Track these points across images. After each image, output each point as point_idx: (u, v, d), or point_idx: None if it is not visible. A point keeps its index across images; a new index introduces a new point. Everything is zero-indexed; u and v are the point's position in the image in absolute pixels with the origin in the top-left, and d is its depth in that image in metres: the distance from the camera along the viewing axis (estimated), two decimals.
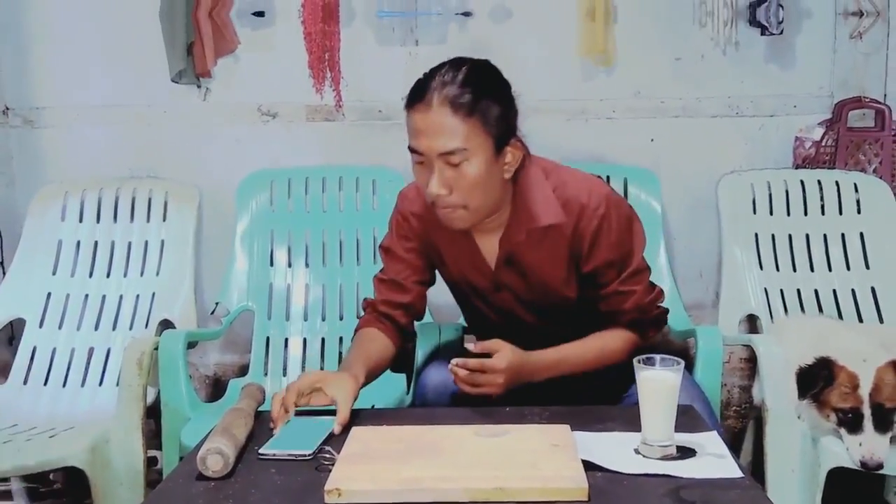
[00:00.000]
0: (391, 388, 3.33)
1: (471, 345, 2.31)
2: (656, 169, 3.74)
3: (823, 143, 3.74)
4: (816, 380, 2.79)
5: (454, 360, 2.29)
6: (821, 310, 3.54)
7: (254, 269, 3.69)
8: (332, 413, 2.21)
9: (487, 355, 2.31)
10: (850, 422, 2.74)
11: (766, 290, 3.57)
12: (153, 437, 3.27)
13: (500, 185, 2.37)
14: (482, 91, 2.28)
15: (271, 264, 3.71)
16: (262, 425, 2.20)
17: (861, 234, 3.62)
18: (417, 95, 2.29)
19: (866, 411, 2.72)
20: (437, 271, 2.69)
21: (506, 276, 2.52)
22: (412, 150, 2.31)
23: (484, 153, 2.28)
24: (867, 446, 2.70)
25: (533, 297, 2.54)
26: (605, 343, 2.51)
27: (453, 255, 2.57)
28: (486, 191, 2.33)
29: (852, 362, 2.78)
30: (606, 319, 2.53)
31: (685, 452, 1.99)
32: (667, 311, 2.60)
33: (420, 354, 3.09)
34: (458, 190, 2.29)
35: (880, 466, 2.69)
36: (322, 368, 3.55)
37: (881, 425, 2.72)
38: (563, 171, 2.49)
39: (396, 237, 2.63)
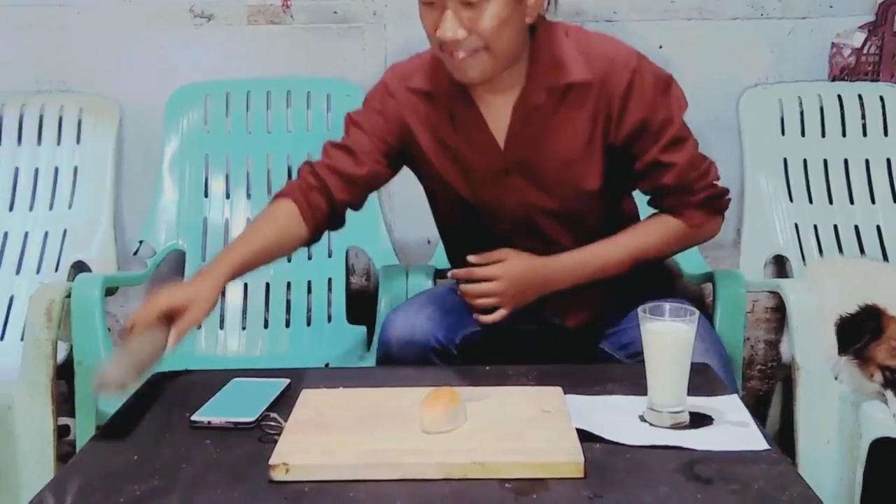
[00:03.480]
0: (349, 343, 3.34)
1: (473, 257, 2.36)
2: None
3: (865, 51, 3.72)
4: (861, 332, 2.76)
5: (452, 272, 2.40)
6: (862, 250, 3.55)
7: (185, 201, 3.67)
8: (280, 375, 2.23)
9: None
10: None
11: (796, 226, 3.58)
12: (64, 401, 3.25)
13: (523, 31, 2.35)
14: None
15: (206, 195, 3.70)
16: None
17: None
18: None
19: None
20: (416, 174, 2.66)
21: (518, 150, 2.45)
22: None
23: None
24: None
25: (548, 184, 2.47)
26: (639, 235, 2.51)
27: (451, 132, 2.50)
28: (510, 33, 2.29)
29: None
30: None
31: (700, 420, 1.98)
32: (726, 191, 2.55)
33: (383, 303, 3.08)
34: (478, 32, 2.25)
35: None
36: (266, 320, 3.57)
37: None
38: (587, 32, 2.49)
39: (369, 111, 2.58)
